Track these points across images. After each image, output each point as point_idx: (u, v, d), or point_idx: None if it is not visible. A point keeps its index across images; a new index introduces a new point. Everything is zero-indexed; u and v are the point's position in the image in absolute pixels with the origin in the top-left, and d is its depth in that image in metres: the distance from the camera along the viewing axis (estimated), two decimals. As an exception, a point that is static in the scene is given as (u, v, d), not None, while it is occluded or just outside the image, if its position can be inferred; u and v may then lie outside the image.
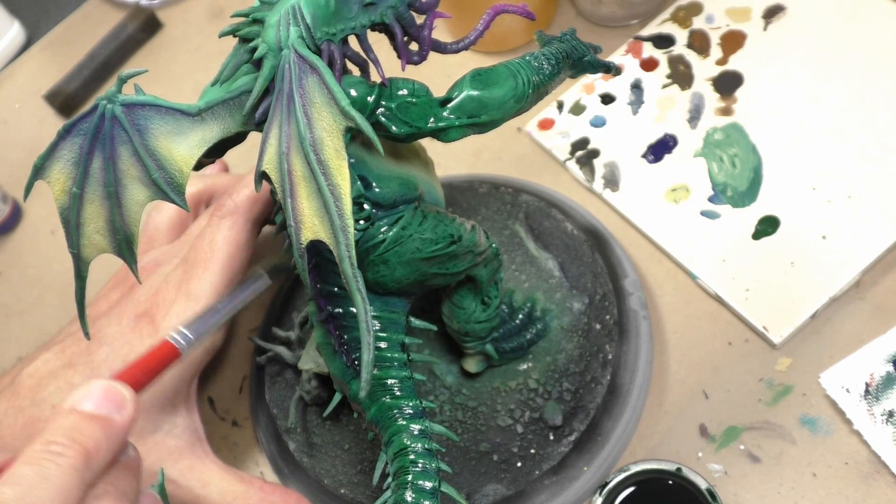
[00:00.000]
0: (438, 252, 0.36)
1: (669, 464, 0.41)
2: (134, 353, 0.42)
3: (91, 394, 0.29)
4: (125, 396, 0.30)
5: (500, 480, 0.44)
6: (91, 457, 0.28)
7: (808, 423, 0.44)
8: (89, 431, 0.28)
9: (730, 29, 0.57)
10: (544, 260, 0.50)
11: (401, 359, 0.36)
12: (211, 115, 0.31)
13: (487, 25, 0.33)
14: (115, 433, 0.29)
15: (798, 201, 0.50)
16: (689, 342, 0.48)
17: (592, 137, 0.56)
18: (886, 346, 0.44)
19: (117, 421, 0.29)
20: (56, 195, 0.32)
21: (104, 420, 0.29)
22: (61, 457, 0.27)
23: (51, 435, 0.28)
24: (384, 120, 0.32)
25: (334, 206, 0.28)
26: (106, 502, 0.28)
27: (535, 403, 0.45)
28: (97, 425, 0.28)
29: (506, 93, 0.33)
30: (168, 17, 0.75)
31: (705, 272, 0.49)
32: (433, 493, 0.33)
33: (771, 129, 0.53)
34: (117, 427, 0.29)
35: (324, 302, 0.36)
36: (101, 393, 0.29)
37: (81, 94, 0.72)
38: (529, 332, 0.47)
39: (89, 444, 0.28)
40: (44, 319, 0.61)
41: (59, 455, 0.27)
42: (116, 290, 0.48)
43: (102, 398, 0.29)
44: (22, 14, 0.81)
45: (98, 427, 0.28)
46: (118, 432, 0.29)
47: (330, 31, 0.31)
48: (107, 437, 0.29)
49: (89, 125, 0.31)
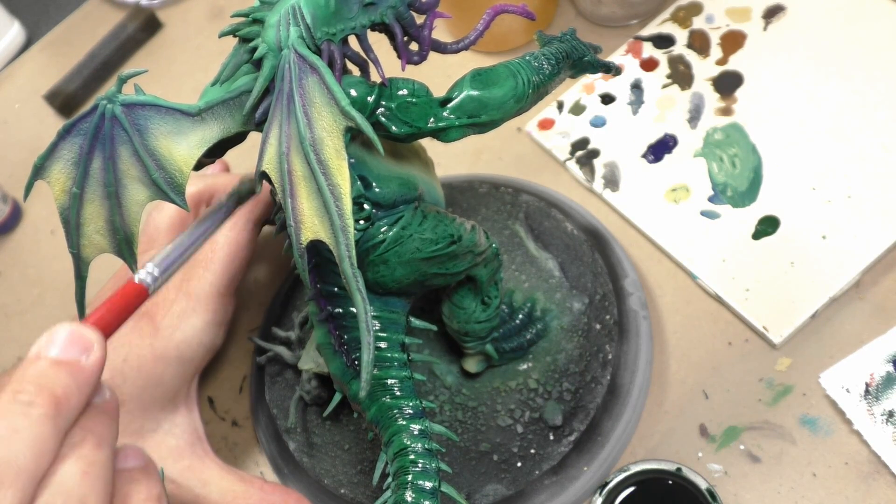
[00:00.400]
0: (438, 252, 0.36)
1: (669, 464, 0.41)
2: (134, 352, 0.42)
3: (56, 339, 0.28)
4: (91, 339, 0.29)
5: (500, 480, 0.44)
6: (61, 403, 0.27)
7: (808, 423, 0.44)
8: (57, 378, 0.27)
9: (730, 29, 0.57)
10: (544, 260, 0.50)
11: (401, 359, 0.36)
12: (211, 115, 0.31)
13: (487, 25, 0.33)
14: (84, 377, 0.28)
15: (798, 201, 0.50)
16: (689, 342, 0.48)
17: (592, 137, 0.56)
18: (886, 346, 0.44)
19: (85, 365, 0.28)
20: (56, 195, 0.32)
21: (71, 364, 0.28)
22: (30, 406, 0.26)
23: (17, 384, 0.27)
24: (384, 120, 0.32)
25: (334, 205, 0.28)
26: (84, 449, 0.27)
27: (535, 403, 0.45)
28: (64, 370, 0.28)
29: (506, 93, 0.33)
30: (168, 17, 0.75)
31: (705, 272, 0.49)
32: (433, 493, 0.33)
33: (771, 129, 0.53)
34: (86, 371, 0.28)
35: (324, 302, 0.36)
36: (67, 337, 0.28)
37: (81, 94, 0.72)
38: (529, 332, 0.47)
39: (58, 391, 0.27)
40: (44, 319, 0.61)
41: (28, 405, 0.26)
42: (116, 290, 0.48)
43: (68, 343, 0.28)
44: (22, 14, 0.81)
45: (66, 372, 0.28)
46: (87, 376, 0.28)
47: (330, 31, 0.31)
48: (76, 383, 0.28)
49: (89, 125, 0.31)
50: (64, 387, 0.27)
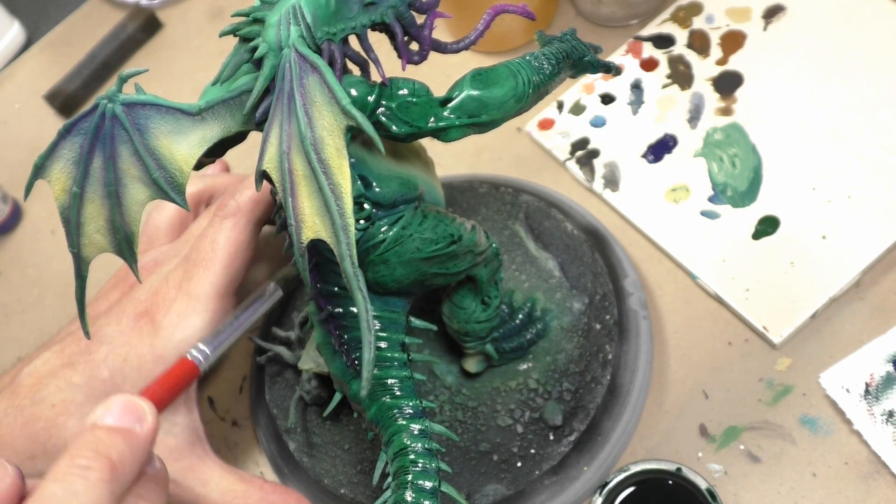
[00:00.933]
0: (438, 252, 0.36)
1: (669, 464, 0.41)
2: (134, 352, 0.42)
3: (111, 408, 0.29)
4: (144, 408, 0.30)
5: (500, 480, 0.44)
6: (117, 469, 0.28)
7: (808, 423, 0.44)
8: (113, 444, 0.28)
9: (730, 29, 0.57)
10: (544, 260, 0.50)
11: (401, 358, 0.36)
12: (211, 114, 0.31)
13: (488, 25, 0.33)
14: (138, 444, 0.29)
15: (798, 201, 0.50)
16: (689, 342, 0.48)
17: (592, 137, 0.56)
18: (886, 346, 0.44)
19: (139, 433, 0.29)
20: (56, 194, 0.32)
21: (126, 432, 0.29)
22: (88, 470, 0.27)
23: (76, 450, 0.28)
24: (385, 119, 0.33)
25: (335, 204, 0.28)
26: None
27: (535, 403, 0.45)
28: (120, 437, 0.29)
29: (506, 92, 0.33)
30: (168, 17, 0.75)
31: (705, 272, 0.49)
32: (433, 493, 0.33)
33: (771, 129, 0.53)
34: (140, 438, 0.29)
35: (324, 301, 0.36)
36: (121, 407, 0.29)
37: (81, 94, 0.72)
38: (529, 332, 0.47)
39: (114, 457, 0.28)
40: (44, 319, 0.61)
41: (86, 469, 0.27)
42: (116, 290, 0.48)
43: (122, 412, 0.29)
44: (22, 14, 0.81)
45: (121, 439, 0.29)
46: (141, 443, 0.29)
47: (330, 31, 0.31)
48: (131, 449, 0.29)
49: (90, 124, 0.31)
50: (119, 453, 0.28)
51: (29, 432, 0.41)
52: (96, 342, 0.43)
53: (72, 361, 0.43)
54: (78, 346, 0.43)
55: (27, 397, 0.42)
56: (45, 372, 0.43)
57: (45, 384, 0.42)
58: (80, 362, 0.42)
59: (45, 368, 0.43)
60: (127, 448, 0.28)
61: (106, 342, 0.43)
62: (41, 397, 0.42)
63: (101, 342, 0.43)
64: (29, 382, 0.43)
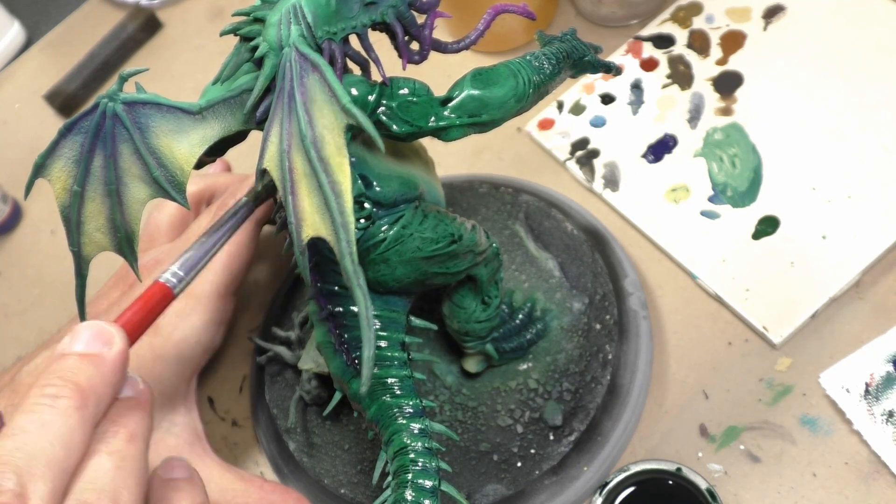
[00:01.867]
0: (439, 251, 0.36)
1: (669, 464, 0.41)
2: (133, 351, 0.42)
3: (78, 336, 0.29)
4: (112, 332, 0.29)
5: (500, 480, 0.44)
6: (87, 394, 0.27)
7: (808, 423, 0.44)
8: (80, 369, 0.28)
9: (730, 29, 0.57)
10: (544, 260, 0.50)
11: (401, 358, 0.36)
12: (212, 113, 0.31)
13: (488, 25, 0.33)
14: (108, 368, 0.29)
15: (798, 201, 0.50)
16: (689, 342, 0.48)
17: (592, 137, 0.56)
18: (886, 346, 0.44)
19: (108, 356, 0.29)
20: (57, 193, 0.32)
21: (95, 357, 0.29)
22: (57, 399, 0.27)
23: (44, 380, 0.28)
24: (385, 119, 0.33)
25: (335, 202, 0.28)
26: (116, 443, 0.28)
27: (535, 403, 0.45)
28: (89, 363, 0.28)
29: (506, 92, 0.33)
30: (168, 17, 0.75)
31: (705, 272, 0.49)
32: (433, 492, 0.33)
33: (771, 129, 0.53)
34: (109, 361, 0.29)
35: (324, 301, 0.36)
36: (89, 333, 0.29)
37: (81, 94, 0.72)
38: (529, 332, 0.47)
39: (83, 382, 0.27)
40: (44, 319, 0.61)
41: (55, 398, 0.27)
42: (117, 289, 0.48)
43: (90, 338, 0.29)
44: (22, 14, 0.81)
45: (90, 364, 0.28)
46: (111, 367, 0.29)
47: (331, 30, 0.31)
48: (101, 374, 0.28)
49: (90, 123, 0.31)
50: (88, 378, 0.28)
51: None
52: (96, 341, 0.43)
53: (72, 360, 0.43)
54: (78, 346, 0.43)
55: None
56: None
57: (45, 383, 0.42)
58: (80, 361, 0.42)
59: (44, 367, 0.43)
60: (96, 373, 0.28)
61: (106, 341, 0.43)
62: (41, 396, 0.42)
63: (101, 341, 0.43)
64: (29, 381, 0.43)
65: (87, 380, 0.28)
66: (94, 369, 0.28)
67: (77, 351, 0.29)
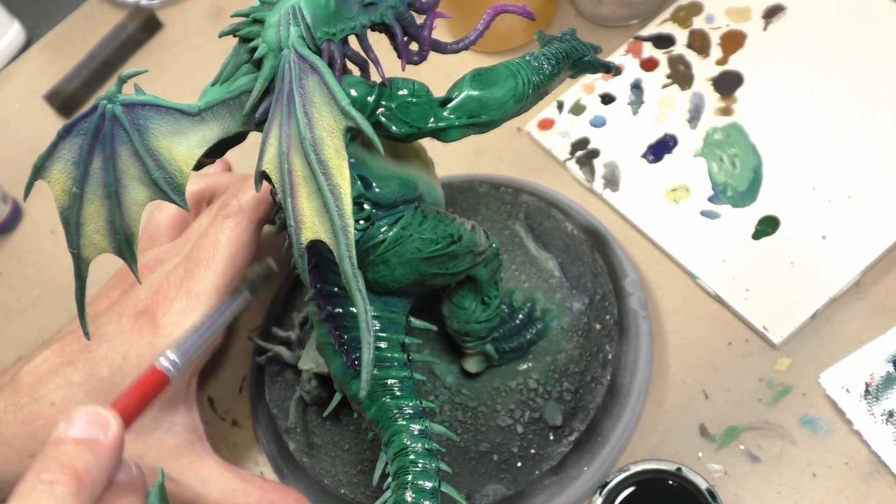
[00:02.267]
0: (438, 252, 0.36)
1: (669, 464, 0.41)
2: (134, 350, 0.42)
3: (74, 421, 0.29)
4: (108, 417, 0.30)
5: (500, 480, 0.44)
6: (83, 480, 0.28)
7: (808, 423, 0.44)
8: (78, 455, 0.28)
9: (730, 29, 0.57)
10: (544, 260, 0.50)
11: (401, 359, 0.36)
12: (211, 114, 0.31)
13: (487, 25, 0.33)
14: (104, 454, 0.29)
15: (798, 201, 0.50)
16: (689, 342, 0.48)
17: (592, 137, 0.56)
18: (886, 346, 0.44)
19: (104, 441, 0.29)
20: (56, 195, 0.32)
21: (91, 442, 0.29)
22: (54, 485, 0.27)
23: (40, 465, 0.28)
24: (384, 120, 0.32)
25: (334, 205, 0.28)
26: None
27: (535, 403, 0.45)
28: (85, 448, 0.29)
29: (506, 93, 0.33)
30: (168, 17, 0.75)
31: (705, 272, 0.49)
32: (433, 493, 0.33)
33: (771, 129, 0.53)
34: (104, 447, 0.29)
35: (324, 302, 0.36)
36: (85, 419, 0.29)
37: (81, 94, 0.72)
38: (529, 332, 0.47)
39: (80, 468, 0.28)
40: (44, 319, 0.61)
41: (52, 483, 0.27)
42: (117, 288, 0.48)
43: (86, 423, 0.29)
44: (22, 14, 0.81)
45: (85, 449, 0.29)
46: (107, 452, 0.29)
47: (330, 31, 0.31)
48: (97, 459, 0.29)
49: (89, 125, 0.31)
50: (85, 463, 0.28)
51: (28, 430, 0.41)
52: (96, 340, 0.43)
53: (72, 360, 0.43)
54: (78, 345, 0.43)
55: (27, 395, 0.42)
56: (45, 370, 0.43)
57: (44, 382, 0.42)
58: (80, 360, 0.43)
59: (45, 366, 0.43)
60: (93, 458, 0.28)
61: (106, 340, 0.43)
62: (41, 395, 0.42)
63: (101, 340, 0.43)
64: (29, 380, 0.43)
65: (84, 465, 0.28)
66: (90, 455, 0.28)
67: (73, 436, 0.29)
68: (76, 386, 0.42)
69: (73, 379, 0.42)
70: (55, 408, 0.41)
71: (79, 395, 0.42)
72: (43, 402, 0.42)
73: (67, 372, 0.42)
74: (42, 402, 0.42)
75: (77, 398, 0.41)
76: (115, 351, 0.42)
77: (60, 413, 0.41)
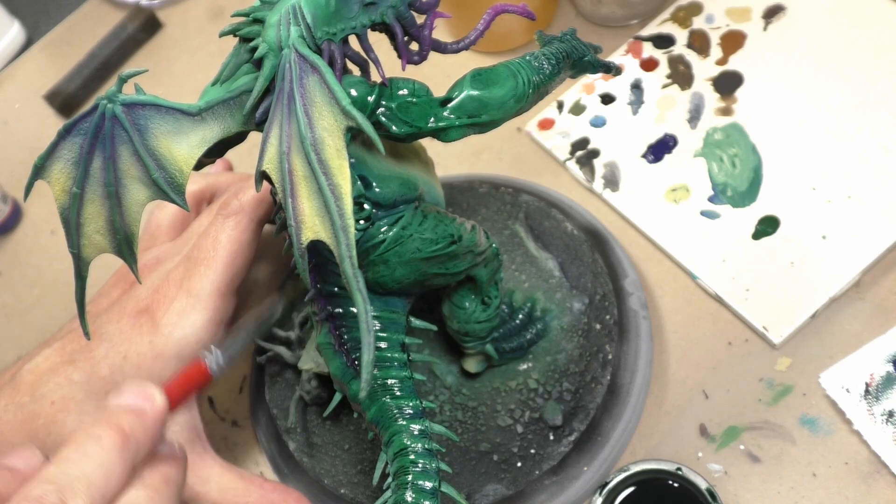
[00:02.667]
0: (439, 252, 0.36)
1: (669, 464, 0.41)
2: (134, 349, 0.42)
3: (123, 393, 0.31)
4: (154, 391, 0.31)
5: (500, 480, 0.44)
6: (128, 438, 0.29)
7: (808, 423, 0.44)
8: (124, 417, 0.30)
9: (730, 29, 0.57)
10: (544, 260, 0.50)
11: (401, 359, 0.36)
12: (211, 114, 0.31)
13: (488, 25, 0.33)
14: (148, 420, 0.30)
15: (798, 201, 0.50)
16: (689, 342, 0.48)
17: (592, 137, 0.56)
18: (886, 346, 0.44)
19: (149, 411, 0.31)
20: (56, 195, 0.32)
21: (137, 409, 0.31)
22: (100, 437, 0.29)
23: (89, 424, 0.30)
24: (384, 120, 0.32)
25: (335, 205, 0.28)
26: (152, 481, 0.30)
27: (535, 403, 0.45)
28: (130, 413, 0.30)
29: (506, 93, 0.33)
30: (168, 17, 0.75)
31: (705, 272, 0.49)
32: (433, 493, 0.33)
33: (771, 129, 0.53)
34: (149, 415, 0.31)
35: (324, 302, 0.36)
36: (132, 391, 0.31)
37: (81, 94, 0.72)
38: (529, 332, 0.47)
39: (125, 426, 0.29)
40: (44, 319, 0.61)
41: (98, 437, 0.29)
42: (117, 287, 0.48)
43: (133, 395, 0.31)
44: (22, 14, 0.81)
45: (132, 414, 0.30)
46: (151, 419, 0.31)
47: (330, 31, 0.31)
48: (141, 423, 0.30)
49: (90, 125, 0.31)
50: (130, 424, 0.30)
51: (29, 429, 0.41)
52: (97, 339, 0.43)
53: (72, 359, 0.43)
54: (78, 344, 0.43)
55: (27, 394, 0.42)
56: (45, 369, 0.43)
57: (45, 381, 0.42)
58: (81, 359, 0.43)
59: (45, 365, 0.43)
60: (138, 422, 0.30)
61: (106, 339, 0.43)
62: (41, 394, 0.42)
63: (101, 339, 0.43)
64: (29, 379, 0.43)
65: (130, 426, 0.30)
66: (136, 419, 0.30)
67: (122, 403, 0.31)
68: (76, 385, 0.42)
69: (74, 378, 0.42)
70: (55, 407, 0.41)
71: (79, 393, 0.42)
72: (43, 400, 0.42)
73: (68, 371, 0.42)
74: (42, 400, 0.42)
75: (77, 397, 0.41)
76: (115, 350, 0.42)
77: (60, 412, 0.41)
